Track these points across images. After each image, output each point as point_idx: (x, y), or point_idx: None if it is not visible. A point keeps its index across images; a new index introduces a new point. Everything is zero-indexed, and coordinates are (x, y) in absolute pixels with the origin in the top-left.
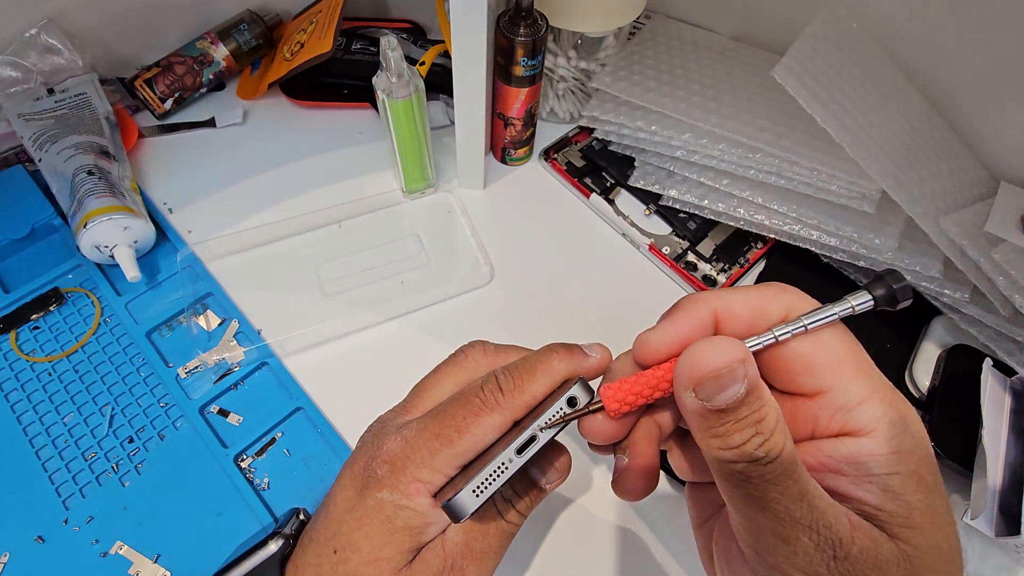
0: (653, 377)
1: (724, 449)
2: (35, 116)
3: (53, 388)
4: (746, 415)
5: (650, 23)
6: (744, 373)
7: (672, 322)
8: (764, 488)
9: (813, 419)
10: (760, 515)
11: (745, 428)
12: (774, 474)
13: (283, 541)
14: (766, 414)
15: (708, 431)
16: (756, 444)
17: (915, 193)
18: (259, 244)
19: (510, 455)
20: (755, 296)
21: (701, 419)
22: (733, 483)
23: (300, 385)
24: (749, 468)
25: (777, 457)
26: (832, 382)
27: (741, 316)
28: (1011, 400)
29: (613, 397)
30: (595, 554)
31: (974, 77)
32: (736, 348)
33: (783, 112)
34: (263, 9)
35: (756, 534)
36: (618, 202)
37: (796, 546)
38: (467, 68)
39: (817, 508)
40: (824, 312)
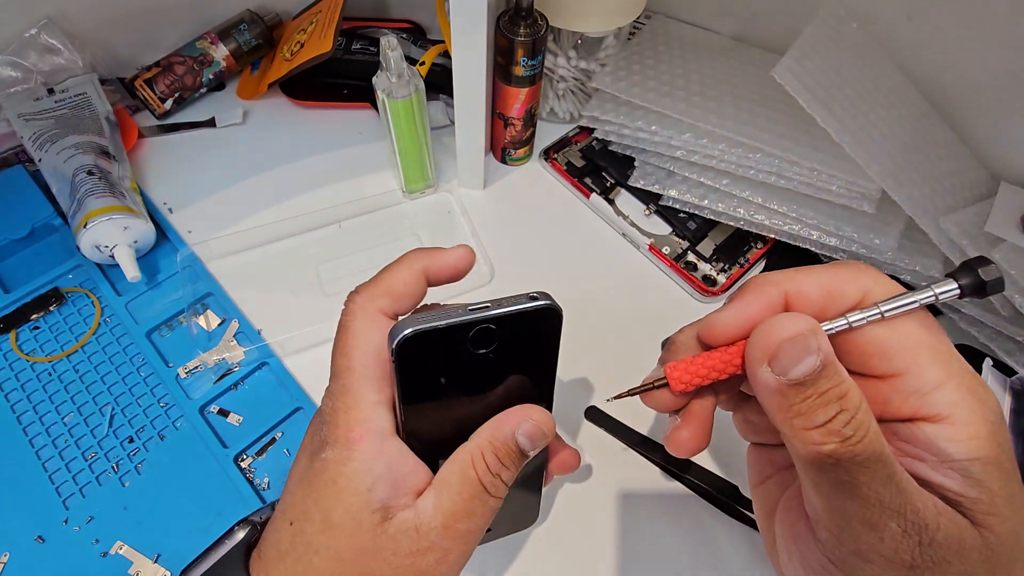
0: (720, 360)
1: (810, 429)
2: (35, 116)
3: (53, 388)
4: (827, 388)
5: (650, 23)
6: (818, 345)
7: (742, 303)
8: (855, 471)
9: (884, 401)
10: (848, 501)
11: (829, 404)
12: (865, 455)
13: (249, 528)
14: (848, 389)
15: (790, 409)
16: (843, 421)
17: (915, 193)
18: (259, 244)
19: (461, 308)
20: (829, 277)
21: (780, 397)
22: (821, 468)
23: (300, 385)
24: (839, 449)
25: (866, 435)
26: (907, 366)
27: (813, 299)
28: (1011, 400)
29: (679, 378)
30: (590, 549)
31: (974, 76)
32: (804, 321)
33: (783, 112)
34: (263, 9)
35: (839, 520)
36: (618, 202)
37: (883, 532)
38: (467, 68)
39: (906, 492)
40: (902, 300)
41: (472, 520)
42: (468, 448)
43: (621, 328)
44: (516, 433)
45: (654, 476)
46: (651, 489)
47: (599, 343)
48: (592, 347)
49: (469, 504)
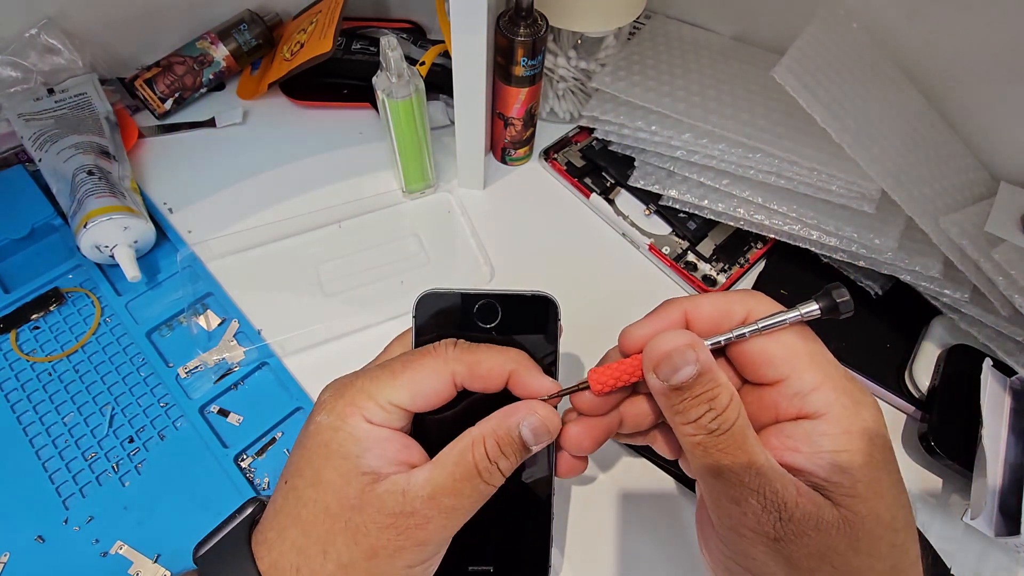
0: (630, 365)
1: (685, 424)
2: (35, 116)
3: (53, 388)
4: (700, 392)
5: (650, 23)
6: (695, 357)
7: (649, 320)
8: (719, 457)
9: (774, 405)
10: (716, 481)
11: (700, 404)
12: (726, 444)
13: (256, 504)
14: (718, 393)
15: (671, 408)
16: (710, 417)
17: (915, 193)
18: (259, 244)
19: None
20: (721, 300)
21: (664, 398)
22: (695, 455)
23: (300, 385)
24: (706, 439)
25: (728, 430)
26: (788, 372)
27: (707, 316)
28: (1011, 400)
29: (597, 380)
30: (589, 547)
31: (974, 77)
32: (685, 336)
33: (783, 112)
34: (263, 9)
35: (715, 499)
36: (618, 202)
37: (746, 507)
38: (467, 68)
39: (765, 476)
40: (777, 317)
41: (459, 499)
42: (472, 432)
43: (620, 328)
44: (521, 424)
45: (654, 476)
46: (651, 489)
47: (599, 343)
48: (591, 347)
49: (460, 484)
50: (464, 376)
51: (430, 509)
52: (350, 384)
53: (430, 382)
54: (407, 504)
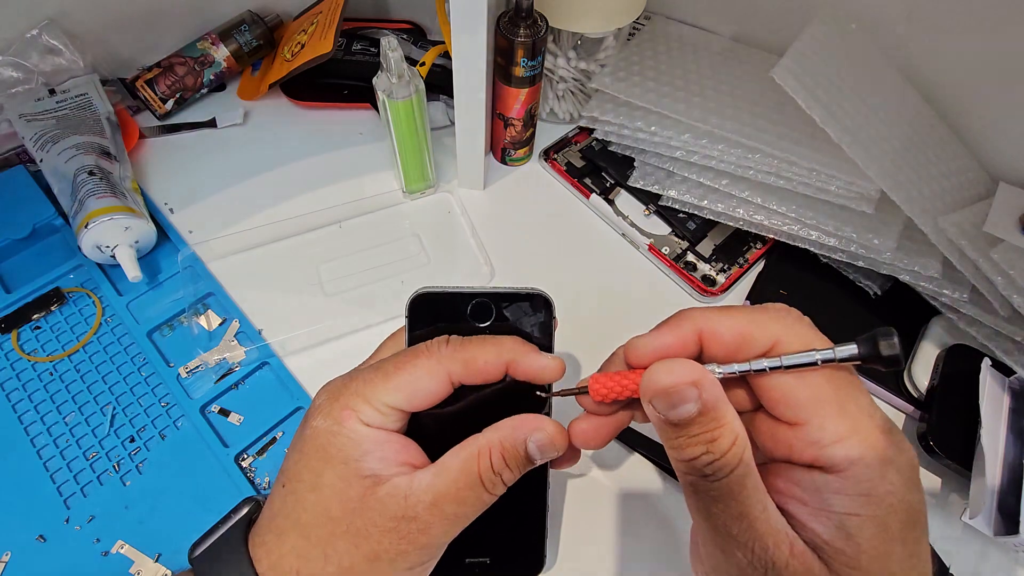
0: (632, 381)
1: (678, 460)
2: (36, 116)
3: (54, 388)
4: (698, 433)
5: (650, 24)
6: (696, 395)
7: (659, 333)
8: (707, 502)
9: (788, 444)
10: (704, 523)
11: (696, 444)
12: (719, 491)
13: (253, 504)
14: (719, 435)
15: (666, 440)
16: (705, 461)
17: (914, 193)
18: (260, 244)
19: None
20: (744, 321)
21: (660, 428)
22: (685, 490)
23: (300, 385)
24: (698, 482)
25: (724, 478)
26: (808, 417)
27: (724, 340)
28: (1009, 400)
29: (598, 388)
30: (589, 547)
31: (973, 77)
32: (689, 372)
33: (782, 113)
34: (264, 10)
35: (702, 539)
36: (618, 202)
37: (731, 559)
38: (467, 69)
39: (756, 530)
40: (805, 357)
41: (461, 506)
42: (478, 441)
43: (620, 328)
44: (528, 440)
45: (654, 476)
46: (651, 489)
47: (598, 343)
48: (591, 347)
49: (463, 492)
50: (460, 374)
51: (432, 515)
52: (344, 387)
53: (425, 383)
54: (409, 509)
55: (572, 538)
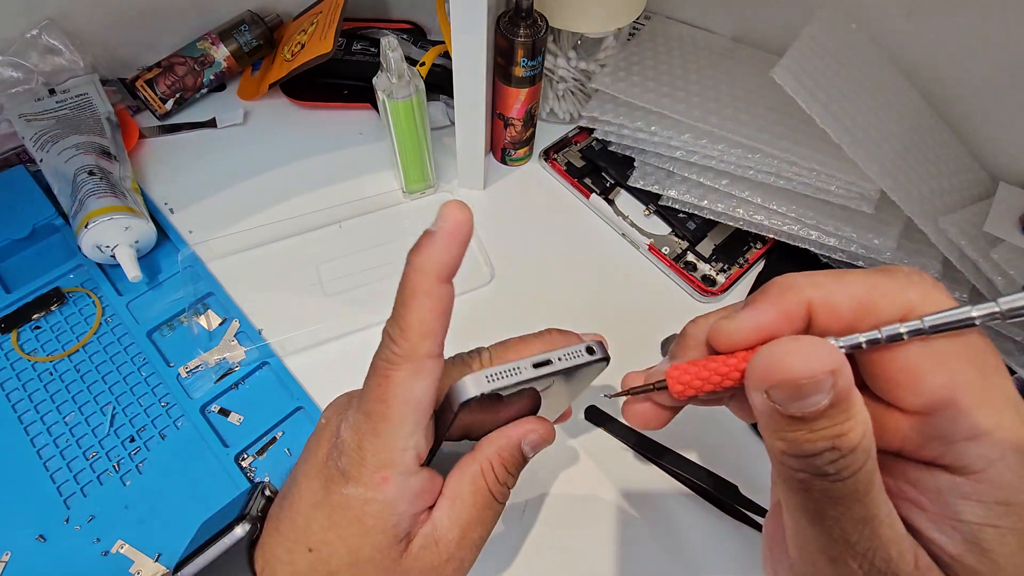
0: (724, 365)
1: (790, 455)
2: (36, 116)
3: (54, 388)
4: (824, 427)
5: (650, 24)
6: (831, 384)
7: (757, 310)
8: (824, 504)
9: (904, 437)
10: (811, 528)
11: (820, 440)
12: (841, 494)
13: (250, 526)
14: (849, 429)
15: (776, 432)
16: (829, 459)
17: (914, 193)
18: (260, 244)
19: (525, 364)
20: (864, 287)
21: (771, 419)
22: (791, 487)
23: (300, 385)
24: (812, 480)
25: (850, 477)
26: (939, 407)
27: (841, 313)
28: None
29: (679, 379)
30: (589, 547)
31: (973, 77)
32: (827, 357)
33: (782, 112)
34: (264, 10)
35: (803, 543)
36: (618, 202)
37: (842, 569)
38: (467, 69)
39: (880, 538)
40: (956, 314)
41: (483, 528)
42: (477, 459)
43: (620, 328)
44: (523, 443)
45: (654, 476)
46: (651, 489)
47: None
48: None
49: (482, 513)
50: (428, 347)
51: (462, 549)
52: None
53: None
54: (441, 552)
55: (575, 543)
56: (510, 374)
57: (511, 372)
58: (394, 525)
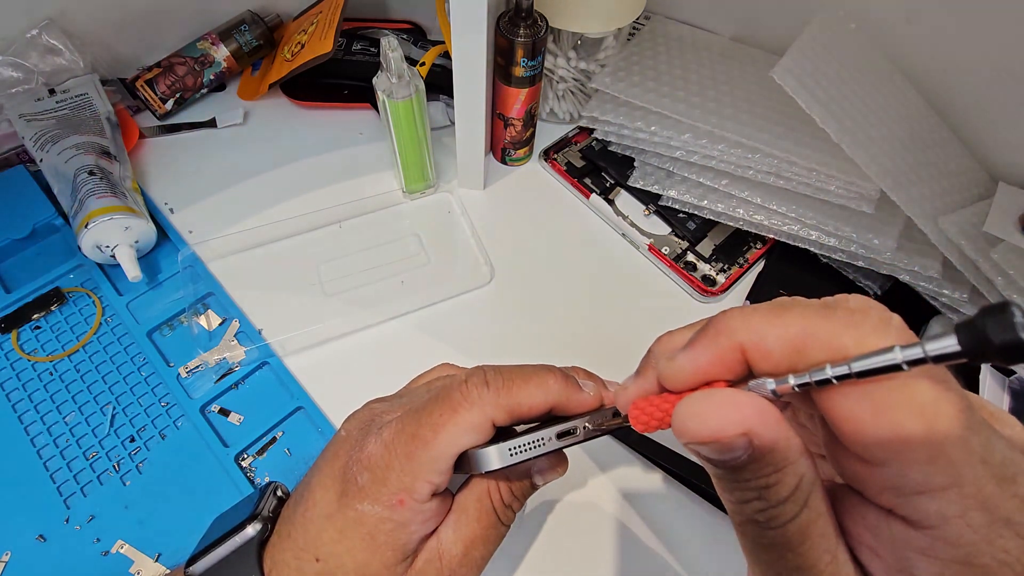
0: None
1: (726, 499)
2: (36, 116)
3: (54, 387)
4: (748, 479)
5: (650, 24)
6: (747, 443)
7: (694, 353)
8: (758, 548)
9: (860, 479)
10: (755, 567)
11: (747, 490)
12: (772, 540)
13: (261, 525)
14: (776, 481)
15: (712, 474)
16: (757, 508)
17: (914, 193)
18: (260, 244)
19: (549, 435)
20: (798, 331)
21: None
22: (736, 527)
23: (301, 385)
24: (746, 526)
25: (781, 527)
26: (886, 459)
27: (774, 356)
28: (1009, 400)
29: (638, 417)
30: (590, 548)
31: (972, 77)
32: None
33: (782, 112)
34: (264, 10)
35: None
36: (618, 202)
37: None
38: (467, 69)
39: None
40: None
41: (486, 547)
42: (486, 480)
43: (620, 328)
44: (532, 470)
45: (654, 476)
46: (651, 489)
47: (598, 343)
48: (591, 347)
49: (485, 531)
50: (504, 420)
51: (464, 567)
52: (388, 465)
53: (468, 439)
54: (444, 568)
55: (575, 543)
56: (534, 446)
57: (535, 444)
58: (404, 543)
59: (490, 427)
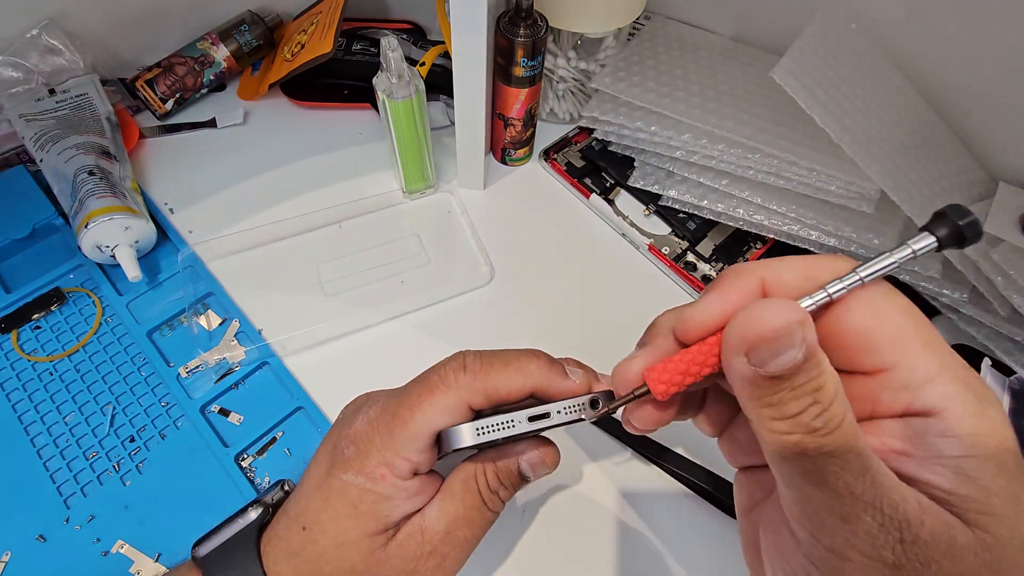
0: (700, 352)
1: (778, 419)
2: (36, 116)
3: (54, 388)
4: (803, 383)
5: (650, 24)
6: (803, 336)
7: (718, 294)
8: (822, 461)
9: (873, 399)
10: (817, 491)
11: (802, 396)
12: (833, 445)
13: (262, 509)
14: (825, 382)
15: (760, 400)
16: (814, 413)
17: (914, 193)
18: (260, 244)
19: (521, 417)
20: (806, 263)
21: (753, 387)
22: (787, 457)
23: (301, 385)
24: (805, 439)
25: (837, 428)
26: (896, 359)
27: (790, 283)
28: (1010, 400)
29: (658, 379)
30: (589, 547)
31: (973, 77)
32: (794, 309)
33: (782, 112)
34: (264, 10)
35: (812, 513)
36: (618, 202)
37: (857, 526)
38: (467, 69)
39: (882, 486)
40: (880, 261)
41: (470, 529)
42: (474, 462)
43: (621, 328)
44: (520, 458)
45: (654, 476)
46: (651, 489)
47: (598, 343)
48: (590, 347)
49: (470, 513)
50: (481, 403)
51: (446, 545)
52: (371, 440)
53: (444, 419)
54: (426, 544)
55: (574, 543)
56: (503, 427)
57: (504, 425)
58: (386, 515)
59: (466, 409)
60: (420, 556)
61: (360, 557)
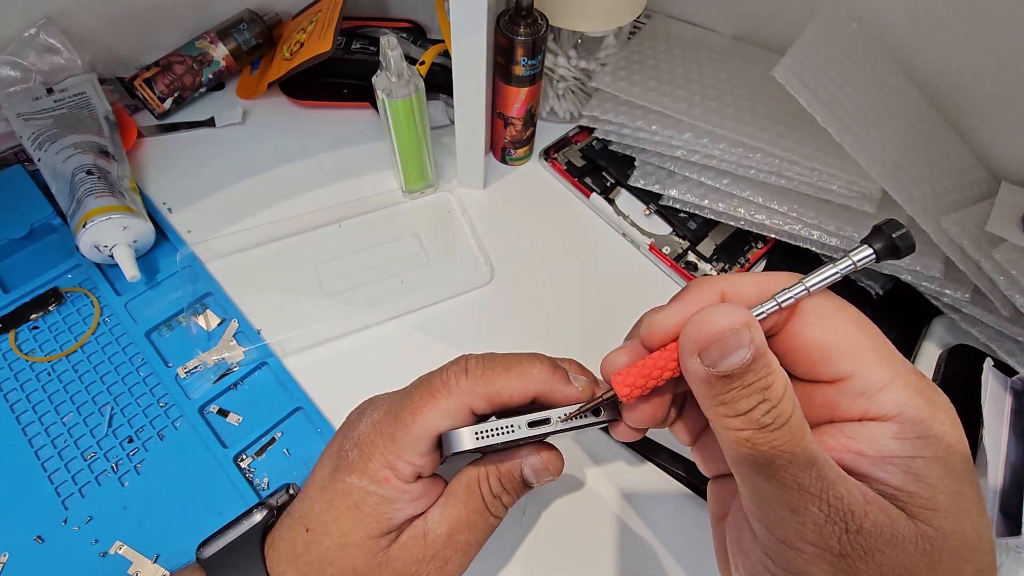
0: (661, 357)
1: (731, 416)
2: (34, 116)
3: (52, 388)
4: (753, 381)
5: (650, 23)
6: (750, 338)
7: (680, 303)
8: (771, 455)
9: (833, 405)
10: (767, 484)
11: (752, 395)
12: (781, 440)
13: (267, 511)
14: (773, 381)
15: (715, 399)
16: (763, 410)
17: (915, 193)
18: (259, 244)
19: (521, 422)
20: (763, 278)
21: (707, 386)
22: (740, 453)
23: (300, 385)
24: (756, 435)
25: (786, 423)
26: (851, 369)
27: (748, 295)
28: (1012, 400)
29: (623, 383)
30: (590, 548)
31: (974, 76)
32: (740, 312)
33: (784, 112)
34: (263, 8)
35: (764, 505)
36: (618, 202)
37: (805, 516)
38: (467, 68)
39: (827, 478)
40: (824, 272)
41: (472, 533)
42: (477, 467)
43: (621, 328)
44: (523, 464)
45: (654, 476)
46: (651, 489)
47: (598, 343)
48: (591, 347)
49: (472, 516)
50: (483, 408)
51: (448, 549)
52: (373, 442)
53: (445, 423)
54: (428, 547)
55: (574, 543)
56: (502, 432)
57: (504, 430)
58: (389, 518)
59: (468, 413)
60: (422, 559)
61: (363, 559)
